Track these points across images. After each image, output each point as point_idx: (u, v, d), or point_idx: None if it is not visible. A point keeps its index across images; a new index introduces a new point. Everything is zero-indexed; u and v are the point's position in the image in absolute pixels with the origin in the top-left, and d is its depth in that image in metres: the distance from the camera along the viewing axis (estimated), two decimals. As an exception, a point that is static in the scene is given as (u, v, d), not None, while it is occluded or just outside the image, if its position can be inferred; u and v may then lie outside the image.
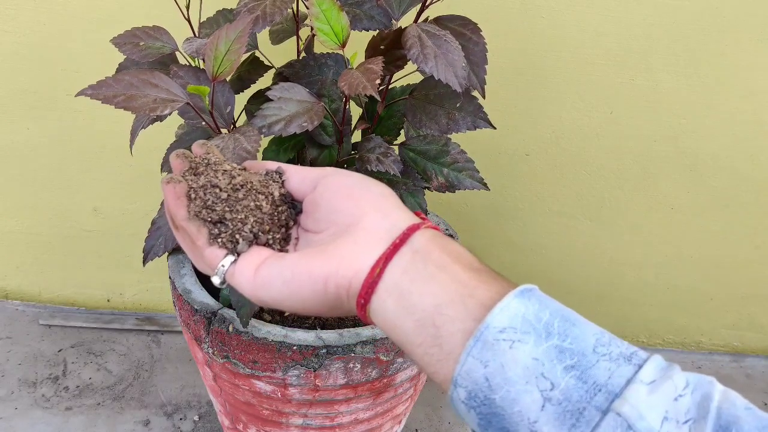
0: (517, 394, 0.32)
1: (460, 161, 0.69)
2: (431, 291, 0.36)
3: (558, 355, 0.33)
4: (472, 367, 0.34)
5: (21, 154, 1.06)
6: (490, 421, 0.34)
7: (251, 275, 0.40)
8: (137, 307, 1.21)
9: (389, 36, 0.61)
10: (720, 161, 1.08)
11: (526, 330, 0.33)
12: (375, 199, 0.41)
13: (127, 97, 0.54)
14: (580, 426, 0.31)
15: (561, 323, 0.34)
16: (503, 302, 0.34)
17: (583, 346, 0.33)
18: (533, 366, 0.33)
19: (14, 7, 0.94)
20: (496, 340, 0.33)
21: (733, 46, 0.98)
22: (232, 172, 0.42)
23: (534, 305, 0.35)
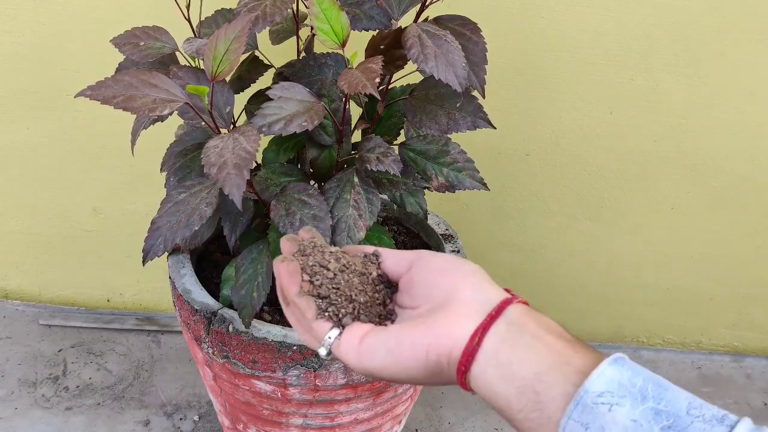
0: None
1: (460, 161, 0.69)
2: (530, 359, 0.39)
3: (654, 416, 0.35)
4: (573, 430, 0.36)
5: (21, 154, 1.06)
6: None
7: (356, 345, 0.43)
8: (137, 307, 1.21)
9: (389, 36, 0.61)
10: (720, 161, 1.08)
11: (623, 394, 0.36)
12: (468, 276, 0.44)
13: (126, 98, 0.54)
14: None
15: (654, 387, 0.36)
16: (599, 369, 0.37)
17: (677, 408, 0.35)
18: (632, 427, 0.35)
19: (14, 7, 0.94)
20: (595, 403, 0.36)
21: (733, 46, 0.98)
22: (337, 254, 0.47)
23: (628, 371, 0.37)
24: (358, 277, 0.46)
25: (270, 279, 0.66)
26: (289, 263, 0.46)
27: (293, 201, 0.63)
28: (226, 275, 0.73)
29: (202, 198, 0.61)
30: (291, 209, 0.63)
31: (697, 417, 0.35)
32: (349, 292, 0.46)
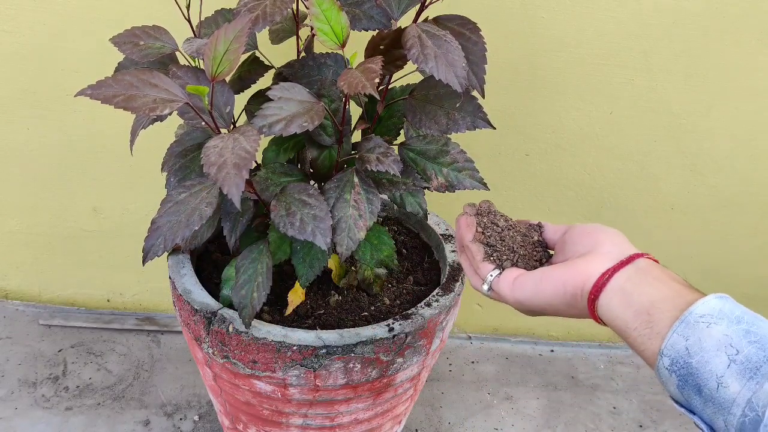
0: (710, 357, 0.44)
1: (460, 161, 0.69)
2: (649, 292, 0.48)
3: (745, 334, 0.44)
4: (676, 341, 0.45)
5: (21, 154, 1.06)
6: (686, 381, 0.45)
7: (510, 282, 0.56)
8: (137, 307, 1.21)
9: (389, 36, 0.61)
10: (720, 161, 1.08)
11: (721, 317, 0.45)
12: (610, 235, 0.55)
13: (126, 97, 0.54)
14: (756, 377, 0.42)
15: (750, 317, 0.45)
16: (705, 298, 0.46)
17: (765, 331, 0.44)
18: (724, 339, 0.44)
19: (14, 7, 0.94)
20: (696, 322, 0.45)
21: (733, 46, 0.98)
22: (506, 217, 0.61)
23: (729, 304, 0.46)
24: (521, 237, 0.60)
25: (270, 279, 0.66)
26: (467, 217, 0.61)
27: (293, 201, 0.63)
28: (226, 275, 0.73)
29: (202, 198, 0.61)
30: (291, 209, 0.63)
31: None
32: (512, 245, 0.59)
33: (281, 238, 0.69)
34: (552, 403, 1.11)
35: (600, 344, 1.25)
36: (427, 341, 0.72)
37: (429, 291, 0.79)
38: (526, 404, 1.10)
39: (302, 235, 0.61)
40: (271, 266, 0.67)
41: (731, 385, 0.43)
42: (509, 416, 1.07)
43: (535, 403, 1.10)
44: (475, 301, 1.21)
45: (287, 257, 0.70)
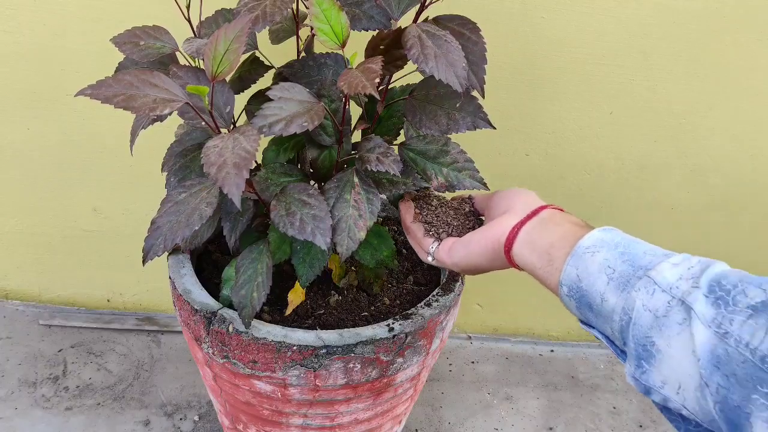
0: (594, 279, 0.53)
1: (460, 161, 0.69)
2: (548, 237, 0.58)
3: (620, 256, 0.53)
4: (570, 272, 0.55)
5: (21, 154, 1.06)
6: (581, 302, 0.54)
7: (447, 249, 0.65)
8: (137, 307, 1.21)
9: (389, 36, 0.61)
10: (720, 161, 1.08)
11: (602, 246, 0.54)
12: (522, 196, 0.64)
13: (126, 97, 0.54)
14: (624, 288, 0.51)
15: (627, 242, 0.54)
16: (590, 233, 0.55)
17: (637, 252, 0.53)
18: (604, 262, 0.53)
19: (14, 7, 0.94)
20: (584, 253, 0.54)
21: (733, 46, 0.98)
22: (438, 197, 0.72)
23: (610, 234, 0.55)
24: (453, 210, 0.70)
25: (270, 279, 0.66)
26: (405, 202, 0.71)
27: (293, 201, 0.63)
28: (226, 275, 0.73)
29: (202, 198, 0.61)
30: (291, 209, 0.63)
31: (648, 254, 0.52)
32: (446, 219, 0.69)
33: (281, 238, 0.69)
34: (552, 403, 1.11)
35: (600, 344, 1.25)
36: (427, 341, 0.72)
37: (429, 291, 0.79)
38: (526, 404, 1.10)
39: (302, 235, 0.61)
40: (271, 266, 0.67)
41: (610, 299, 0.52)
42: (509, 416, 1.07)
43: (535, 403, 1.10)
44: (475, 301, 1.21)
45: (287, 257, 0.70)
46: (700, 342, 0.46)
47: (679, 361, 0.48)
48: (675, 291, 0.49)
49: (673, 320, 0.48)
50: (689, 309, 0.48)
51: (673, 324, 0.48)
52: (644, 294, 0.50)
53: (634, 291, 0.50)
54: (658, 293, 0.49)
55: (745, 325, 0.45)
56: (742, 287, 0.48)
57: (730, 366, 0.45)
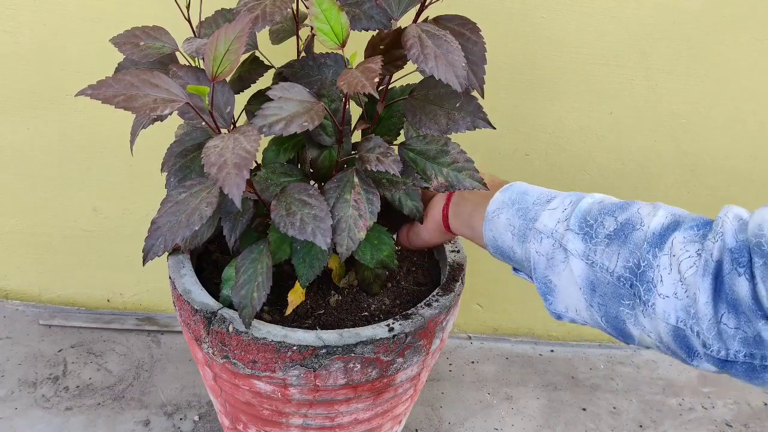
0: (504, 237, 0.65)
1: (460, 161, 0.69)
2: (465, 209, 0.70)
3: (516, 212, 0.64)
4: (488, 235, 0.67)
5: (21, 154, 1.06)
6: (503, 256, 0.67)
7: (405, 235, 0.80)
8: (137, 307, 1.21)
9: (389, 36, 0.61)
10: (720, 161, 1.08)
11: (503, 207, 0.65)
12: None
13: (127, 97, 0.54)
14: (523, 240, 0.63)
15: (519, 196, 0.65)
16: (494, 197, 0.66)
17: (527, 204, 0.64)
18: (506, 222, 0.64)
19: (14, 7, 0.94)
20: (492, 217, 0.66)
21: (733, 46, 0.98)
22: None
23: (507, 193, 0.66)
24: None
25: (270, 279, 0.66)
26: None
27: (294, 201, 0.63)
28: (226, 275, 0.73)
29: (203, 198, 0.61)
30: (291, 209, 0.63)
31: (536, 204, 0.63)
32: None
33: (281, 238, 0.69)
34: (552, 403, 1.11)
35: (600, 344, 1.25)
36: (427, 341, 0.72)
37: (429, 291, 0.79)
38: (526, 404, 1.10)
39: (302, 235, 0.61)
40: (271, 266, 0.67)
41: (517, 251, 0.64)
42: (509, 416, 1.07)
43: (535, 403, 1.10)
44: (475, 301, 1.21)
45: (287, 257, 0.70)
46: (577, 274, 0.57)
47: (569, 291, 0.59)
48: (555, 234, 0.59)
49: (558, 260, 0.59)
50: (565, 249, 0.58)
51: (558, 263, 0.59)
52: (535, 243, 0.61)
53: (528, 243, 0.62)
54: (544, 239, 0.60)
55: (604, 253, 0.55)
56: (601, 219, 0.57)
57: (601, 288, 0.56)
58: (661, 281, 0.51)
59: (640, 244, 0.53)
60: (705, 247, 0.49)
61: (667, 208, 0.56)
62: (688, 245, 0.51)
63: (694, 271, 0.49)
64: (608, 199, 0.61)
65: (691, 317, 0.50)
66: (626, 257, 0.54)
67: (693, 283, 0.49)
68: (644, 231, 0.54)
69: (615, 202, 0.59)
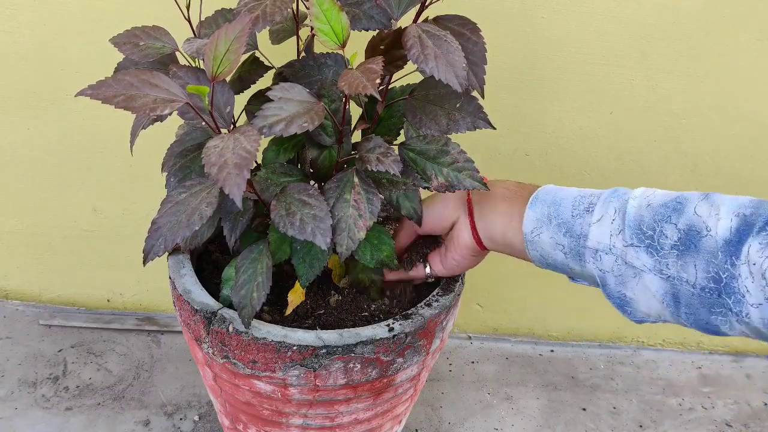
0: (555, 256, 0.63)
1: (460, 161, 0.69)
2: (497, 229, 0.68)
3: (557, 228, 0.61)
4: (533, 255, 0.65)
5: (21, 154, 1.06)
6: (556, 269, 0.65)
7: (439, 265, 0.75)
8: (137, 307, 1.21)
9: (389, 36, 0.61)
10: (720, 161, 1.08)
11: (541, 225, 0.63)
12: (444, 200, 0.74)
13: (127, 97, 0.54)
14: (579, 259, 0.61)
15: (553, 209, 0.62)
16: (526, 216, 0.64)
17: (566, 216, 0.61)
18: (551, 242, 0.62)
19: (14, 7, 0.94)
20: (532, 239, 0.64)
21: (733, 46, 0.98)
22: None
23: (538, 207, 0.63)
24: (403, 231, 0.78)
25: (270, 279, 0.66)
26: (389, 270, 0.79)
27: (293, 201, 0.63)
28: (226, 275, 0.73)
29: (203, 198, 0.61)
30: (291, 209, 0.63)
31: (576, 216, 0.60)
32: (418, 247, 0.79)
33: (281, 238, 0.69)
34: (552, 403, 1.11)
35: (600, 344, 1.25)
36: (427, 341, 0.72)
37: (429, 291, 0.79)
38: (526, 404, 1.10)
39: (302, 234, 0.61)
40: (271, 266, 0.67)
41: (575, 268, 0.62)
42: (509, 416, 1.08)
43: (535, 403, 1.11)
44: (475, 301, 1.21)
45: (287, 257, 0.70)
46: (655, 289, 0.56)
47: (649, 303, 0.57)
48: (615, 250, 0.58)
49: (628, 276, 0.57)
50: (632, 266, 0.56)
51: (629, 279, 0.57)
52: (594, 262, 0.59)
53: (587, 263, 0.60)
54: (604, 257, 0.58)
55: (677, 265, 0.54)
56: (660, 228, 0.55)
57: (685, 299, 0.54)
58: (748, 291, 0.50)
59: (715, 253, 0.51)
60: None
61: (726, 205, 0.53)
62: (765, 249, 0.49)
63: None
64: (654, 197, 0.58)
65: None
66: (704, 268, 0.52)
67: None
68: (714, 238, 0.52)
69: (664, 203, 0.56)
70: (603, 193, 0.61)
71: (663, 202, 0.56)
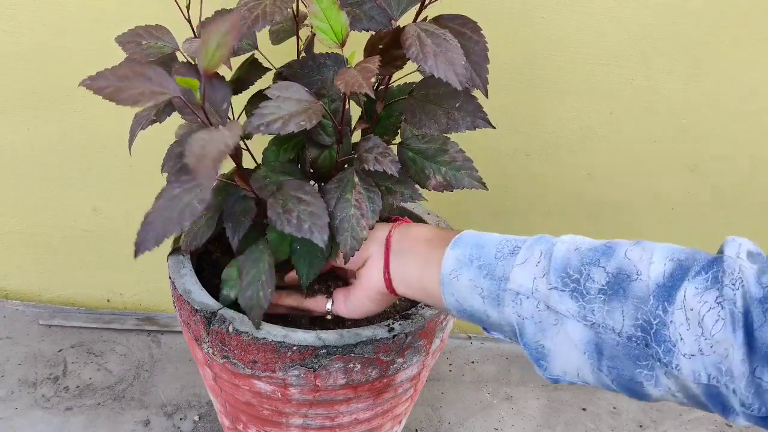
0: (472, 301, 0.57)
1: (459, 160, 0.69)
2: (412, 271, 0.62)
3: (478, 270, 0.57)
4: (448, 299, 0.59)
5: (21, 154, 1.06)
6: (472, 319, 0.59)
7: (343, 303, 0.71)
8: (137, 307, 1.21)
9: (388, 35, 0.61)
10: (720, 161, 1.08)
11: (461, 267, 0.58)
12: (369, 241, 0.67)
13: (115, 89, 0.53)
14: (498, 304, 0.55)
15: (476, 251, 0.58)
16: (445, 256, 0.59)
17: (489, 259, 0.57)
18: (470, 284, 0.57)
19: (14, 7, 0.94)
20: (450, 280, 0.58)
21: (733, 46, 0.98)
22: None
23: (460, 248, 0.59)
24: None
25: (273, 276, 0.66)
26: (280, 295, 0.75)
27: (290, 198, 0.63)
28: (226, 275, 0.73)
29: (195, 194, 0.60)
30: (288, 206, 0.62)
31: (499, 258, 0.56)
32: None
33: (281, 237, 0.69)
34: (552, 403, 1.11)
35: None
36: (427, 341, 0.72)
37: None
38: (526, 404, 1.10)
39: (299, 232, 0.61)
40: (273, 264, 0.67)
41: (492, 314, 0.56)
42: (509, 416, 1.07)
43: (535, 403, 1.10)
44: (475, 301, 1.21)
45: (287, 257, 0.70)
46: (578, 338, 0.51)
47: (568, 355, 0.52)
48: (537, 294, 0.53)
49: (548, 323, 0.52)
50: (555, 311, 0.52)
51: (549, 326, 0.52)
52: (514, 306, 0.54)
53: (506, 307, 0.55)
54: (525, 301, 0.53)
55: (603, 311, 0.50)
56: (586, 272, 0.51)
57: (609, 350, 0.50)
58: (681, 339, 0.46)
59: (645, 299, 0.48)
60: (725, 296, 0.45)
61: (659, 250, 0.50)
62: (704, 295, 0.46)
63: (721, 325, 0.44)
64: (582, 243, 0.55)
65: (723, 374, 0.45)
66: (632, 315, 0.48)
67: (723, 339, 0.44)
68: (645, 283, 0.48)
69: (593, 247, 0.53)
70: (529, 239, 0.57)
71: (591, 246, 0.53)
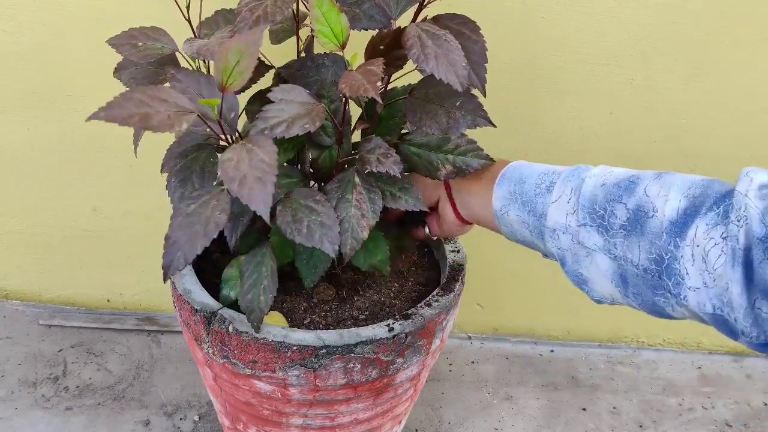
0: (522, 233, 0.65)
1: (463, 144, 0.69)
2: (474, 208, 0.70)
3: (522, 206, 0.63)
4: (506, 230, 0.67)
5: (21, 154, 1.06)
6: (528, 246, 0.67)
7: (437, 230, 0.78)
8: (137, 307, 1.21)
9: (388, 36, 0.61)
10: (720, 161, 1.08)
11: (508, 203, 0.65)
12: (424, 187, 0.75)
13: (142, 117, 0.52)
14: (541, 237, 0.62)
15: (518, 187, 0.64)
16: (494, 193, 0.66)
17: (530, 195, 0.63)
18: (518, 219, 0.64)
19: (14, 7, 0.94)
20: (500, 215, 0.66)
21: (733, 46, 0.98)
22: None
23: (505, 185, 0.65)
24: None
25: (275, 282, 0.66)
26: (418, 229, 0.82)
27: (300, 207, 0.63)
28: (226, 275, 0.73)
29: (214, 206, 0.59)
30: (298, 215, 0.62)
31: (538, 195, 0.62)
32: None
33: (284, 241, 0.69)
34: (552, 403, 1.11)
35: (600, 344, 1.25)
36: (427, 341, 0.72)
37: (429, 291, 0.79)
38: (526, 404, 1.10)
39: (310, 242, 0.60)
40: (276, 269, 0.67)
41: (539, 245, 0.64)
42: (509, 416, 1.08)
43: (535, 403, 1.11)
44: (475, 301, 1.21)
45: (290, 260, 0.70)
46: (605, 269, 0.57)
47: (601, 283, 0.59)
48: (570, 229, 0.59)
49: (582, 255, 0.59)
50: (584, 246, 0.58)
51: (583, 258, 0.59)
52: (553, 241, 0.61)
53: (547, 242, 0.62)
54: (561, 236, 0.60)
55: (623, 246, 0.54)
56: (611, 208, 0.56)
57: (632, 279, 0.55)
58: (688, 274, 0.50)
59: (659, 235, 0.52)
60: (729, 232, 0.47)
61: (675, 186, 0.53)
62: (712, 231, 0.48)
63: (723, 261, 0.47)
64: (610, 176, 0.59)
65: (725, 305, 0.48)
66: (648, 249, 0.52)
67: (724, 273, 0.47)
68: (660, 220, 0.52)
69: (618, 182, 0.57)
70: (564, 171, 0.63)
71: (617, 181, 0.57)
